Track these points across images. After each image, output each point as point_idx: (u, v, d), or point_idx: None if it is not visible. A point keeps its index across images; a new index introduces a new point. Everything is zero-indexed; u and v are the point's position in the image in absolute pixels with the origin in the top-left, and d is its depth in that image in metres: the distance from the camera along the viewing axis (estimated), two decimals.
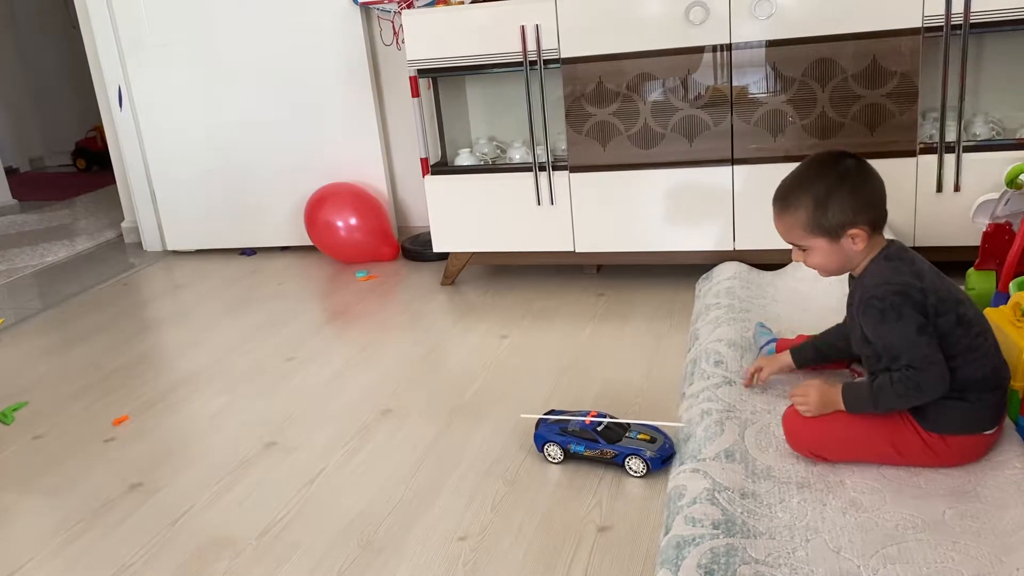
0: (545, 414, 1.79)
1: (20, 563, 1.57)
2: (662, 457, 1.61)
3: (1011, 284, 1.70)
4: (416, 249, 3.25)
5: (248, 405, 2.14)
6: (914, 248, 2.29)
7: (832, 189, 1.41)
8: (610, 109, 2.52)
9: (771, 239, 1.78)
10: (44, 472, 1.90)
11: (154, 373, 2.42)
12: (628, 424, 1.69)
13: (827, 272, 1.48)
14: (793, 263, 1.88)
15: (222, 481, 1.78)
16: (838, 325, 1.66)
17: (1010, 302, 1.57)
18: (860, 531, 1.25)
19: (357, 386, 2.19)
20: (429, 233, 2.89)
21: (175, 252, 3.72)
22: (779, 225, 1.49)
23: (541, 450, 1.72)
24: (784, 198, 1.47)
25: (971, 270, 2.01)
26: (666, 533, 1.31)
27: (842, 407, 1.40)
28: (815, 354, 1.68)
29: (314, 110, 3.34)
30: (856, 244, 1.42)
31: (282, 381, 2.27)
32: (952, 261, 2.29)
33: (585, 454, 1.66)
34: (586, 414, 1.72)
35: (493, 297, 2.76)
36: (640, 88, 2.48)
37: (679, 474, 1.45)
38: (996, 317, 1.60)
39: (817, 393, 1.42)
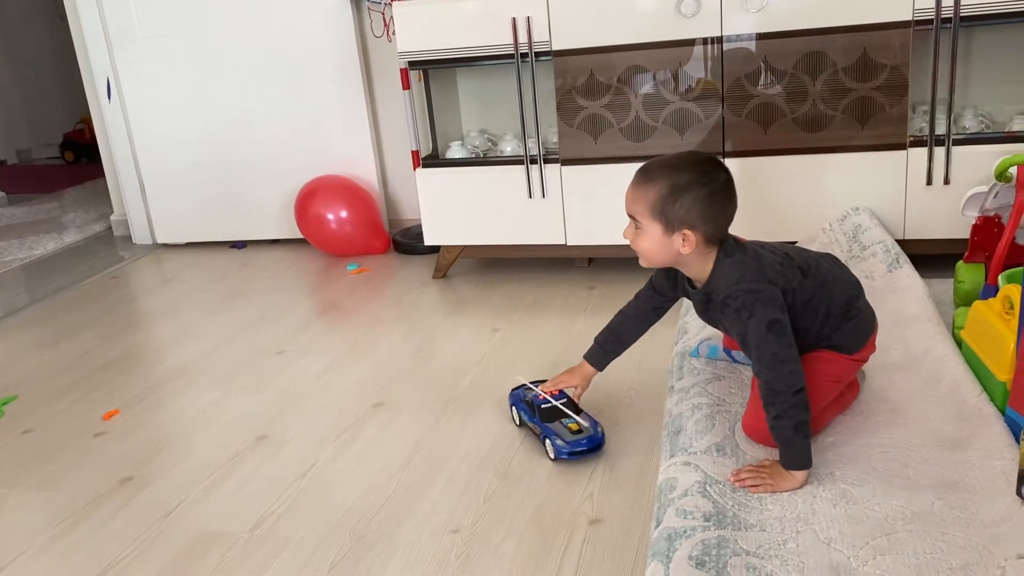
0: (532, 382, 1.86)
1: (10, 558, 1.56)
2: (572, 450, 1.66)
3: (1000, 277, 1.70)
4: (407, 242, 3.25)
5: (239, 399, 2.14)
6: (903, 241, 2.33)
7: (692, 186, 1.41)
8: (601, 102, 2.52)
9: (760, 232, 1.78)
10: (34, 467, 1.89)
11: (144, 367, 2.41)
12: (575, 411, 1.75)
13: (648, 260, 1.48)
14: None
15: (213, 475, 1.78)
16: (618, 319, 1.72)
17: (999, 295, 1.58)
18: (850, 522, 1.26)
19: (349, 379, 2.19)
20: (420, 226, 2.89)
21: (165, 245, 3.70)
22: (629, 194, 1.47)
23: (510, 409, 1.86)
24: (647, 172, 1.46)
25: (960, 263, 2.01)
26: (657, 525, 1.31)
27: (792, 471, 1.36)
28: (609, 355, 1.75)
29: (304, 102, 3.33)
30: (684, 247, 1.42)
31: (273, 375, 2.26)
32: (941, 254, 2.31)
33: (528, 424, 1.79)
34: (562, 394, 1.79)
35: (485, 290, 2.76)
36: (631, 81, 2.48)
37: (670, 467, 1.45)
38: (985, 310, 1.61)
39: (772, 471, 1.38)
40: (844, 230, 2.36)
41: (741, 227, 1.53)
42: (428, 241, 2.85)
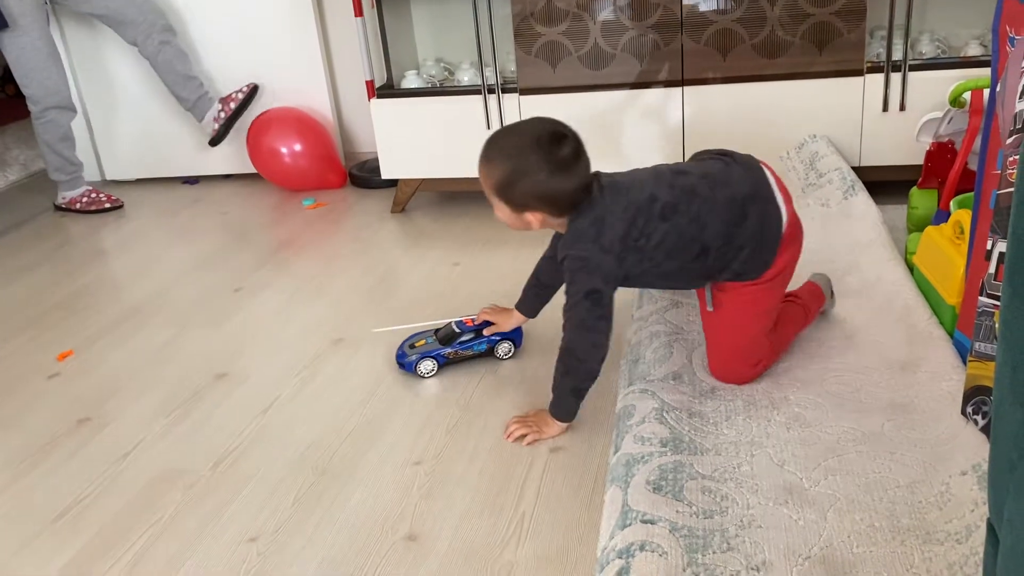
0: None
1: None
2: (400, 360, 1.79)
3: (952, 202, 1.73)
4: (364, 176, 3.19)
5: (196, 337, 2.11)
6: (859, 168, 2.35)
7: (529, 172, 1.39)
8: (559, 28, 2.47)
9: None
10: None
11: (98, 306, 2.37)
12: (466, 340, 1.81)
13: (511, 227, 1.52)
14: None
15: (173, 413, 1.77)
16: (539, 264, 1.75)
17: (950, 220, 1.60)
18: (803, 445, 1.29)
19: (308, 316, 2.17)
20: (377, 159, 2.84)
21: (114, 182, 3.60)
22: (479, 168, 1.48)
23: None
24: (488, 154, 1.45)
25: (914, 189, 2.04)
26: (616, 451, 1.34)
27: (554, 419, 1.51)
28: (537, 301, 1.78)
29: (253, 30, 3.21)
30: (533, 223, 1.46)
31: (231, 312, 2.24)
32: (896, 180, 2.33)
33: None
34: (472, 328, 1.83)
35: (444, 224, 2.74)
36: (590, 6, 2.43)
37: (628, 394, 1.47)
38: (936, 235, 1.64)
39: (537, 420, 1.53)
40: (802, 158, 2.37)
41: None
42: (385, 174, 2.81)
